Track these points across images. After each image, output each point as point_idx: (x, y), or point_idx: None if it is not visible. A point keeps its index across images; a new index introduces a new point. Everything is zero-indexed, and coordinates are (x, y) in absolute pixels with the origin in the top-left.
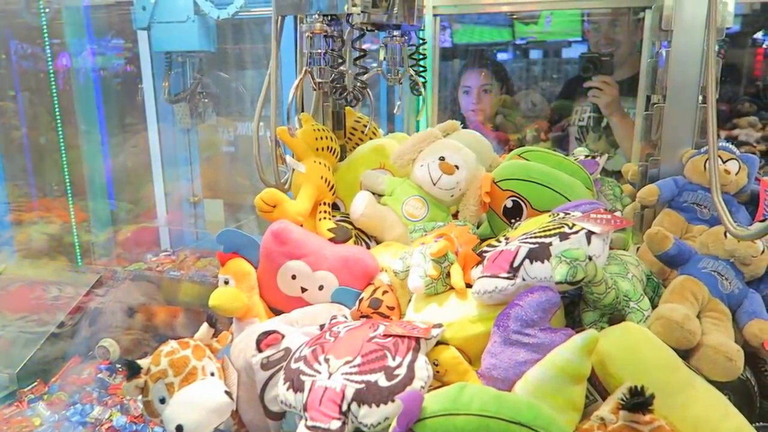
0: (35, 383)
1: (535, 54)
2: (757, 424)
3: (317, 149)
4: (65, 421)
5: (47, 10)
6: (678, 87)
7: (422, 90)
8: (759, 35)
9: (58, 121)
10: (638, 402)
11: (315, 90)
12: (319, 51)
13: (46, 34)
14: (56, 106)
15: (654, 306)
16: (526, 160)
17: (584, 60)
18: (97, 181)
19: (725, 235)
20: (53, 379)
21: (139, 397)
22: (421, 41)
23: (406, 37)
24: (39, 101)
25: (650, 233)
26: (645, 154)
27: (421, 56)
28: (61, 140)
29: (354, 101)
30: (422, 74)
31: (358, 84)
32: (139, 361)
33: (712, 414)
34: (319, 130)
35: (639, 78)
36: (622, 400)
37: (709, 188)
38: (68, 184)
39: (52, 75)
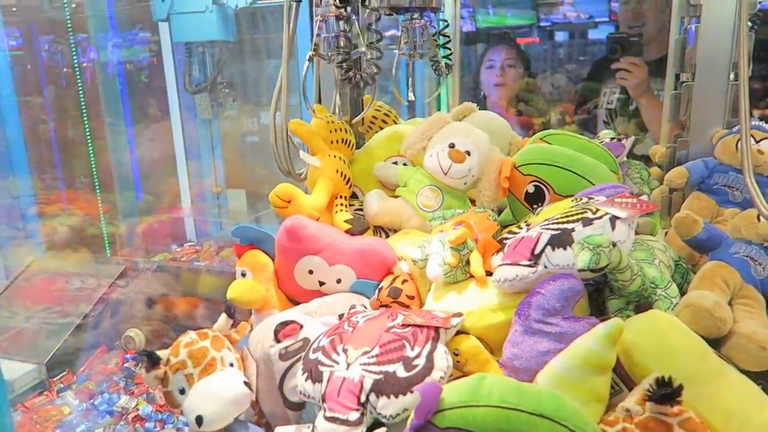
0: (64, 373)
1: (560, 36)
2: None
3: (332, 142)
4: (93, 410)
5: (73, 5)
6: (708, 64)
7: (446, 71)
8: None
9: (84, 114)
10: (666, 393)
11: (329, 62)
12: (332, 34)
13: (70, 28)
14: (82, 99)
15: (683, 293)
16: (549, 143)
17: (611, 41)
18: (123, 172)
19: (758, 219)
20: (81, 369)
21: (160, 387)
22: (444, 23)
23: (426, 19)
24: (65, 95)
25: (679, 217)
26: (673, 135)
27: (446, 39)
28: (88, 133)
29: (363, 85)
30: (449, 56)
31: (373, 69)
32: (158, 352)
33: (745, 405)
34: (332, 122)
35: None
36: (649, 391)
37: (740, 170)
38: (95, 176)
39: (77, 69)
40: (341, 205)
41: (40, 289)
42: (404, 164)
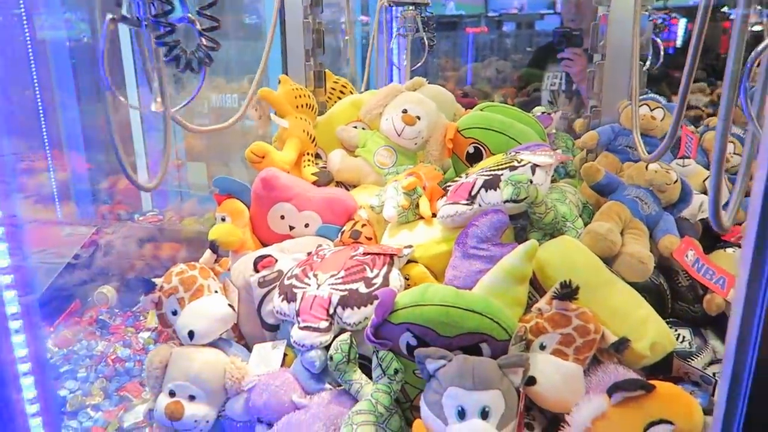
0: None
1: (508, 26)
2: (669, 320)
3: (297, 106)
4: (73, 354)
5: None
6: (615, 48)
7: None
8: (725, 9)
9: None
10: (566, 292)
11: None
12: None
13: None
14: (35, 76)
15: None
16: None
17: (558, 34)
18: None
19: (646, 168)
20: (57, 321)
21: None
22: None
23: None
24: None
25: (585, 167)
26: (590, 107)
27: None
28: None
29: (198, 65)
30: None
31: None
32: (153, 280)
33: (627, 305)
34: (297, 89)
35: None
36: (555, 292)
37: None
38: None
39: (30, 44)
40: (308, 161)
41: (34, 235)
42: (362, 128)
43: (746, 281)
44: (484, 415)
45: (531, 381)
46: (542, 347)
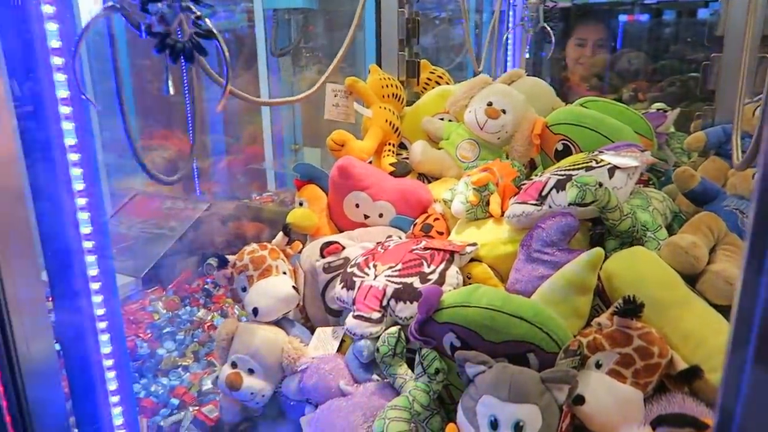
0: (156, 288)
1: (667, 15)
2: None
3: (383, 96)
4: (177, 318)
5: None
6: (735, 40)
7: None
8: None
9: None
10: (629, 309)
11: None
12: None
13: None
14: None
15: None
16: (586, 108)
17: None
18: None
19: (753, 177)
20: (170, 286)
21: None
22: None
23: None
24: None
25: (678, 171)
26: (704, 105)
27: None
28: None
29: (189, 54)
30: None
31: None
32: (227, 257)
33: (703, 330)
34: (384, 79)
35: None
36: (617, 307)
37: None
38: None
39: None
40: (389, 151)
41: (143, 207)
42: (449, 120)
43: None
44: (518, 429)
45: (579, 400)
46: (598, 365)
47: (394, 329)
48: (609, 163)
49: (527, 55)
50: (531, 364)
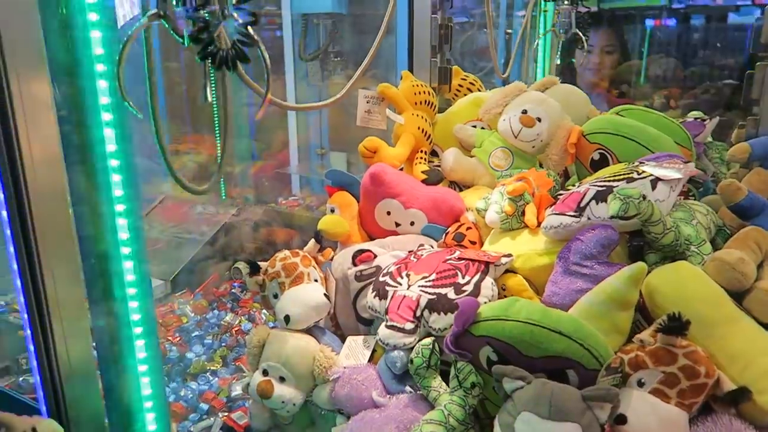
0: (184, 291)
1: (696, 19)
2: None
3: (416, 103)
4: (205, 321)
5: None
6: None
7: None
8: None
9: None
10: (674, 326)
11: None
12: None
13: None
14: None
15: None
16: (622, 116)
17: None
18: (240, 123)
19: None
20: (198, 289)
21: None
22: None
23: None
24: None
25: (723, 184)
26: (749, 115)
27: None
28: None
29: (232, 63)
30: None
31: (239, 39)
32: (259, 263)
33: (751, 350)
34: (417, 85)
35: None
36: (661, 324)
37: None
38: (216, 124)
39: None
40: (420, 158)
41: (172, 211)
42: (482, 128)
43: None
44: None
45: (621, 419)
46: (640, 384)
47: (428, 340)
48: (651, 175)
49: (558, 62)
50: (570, 381)
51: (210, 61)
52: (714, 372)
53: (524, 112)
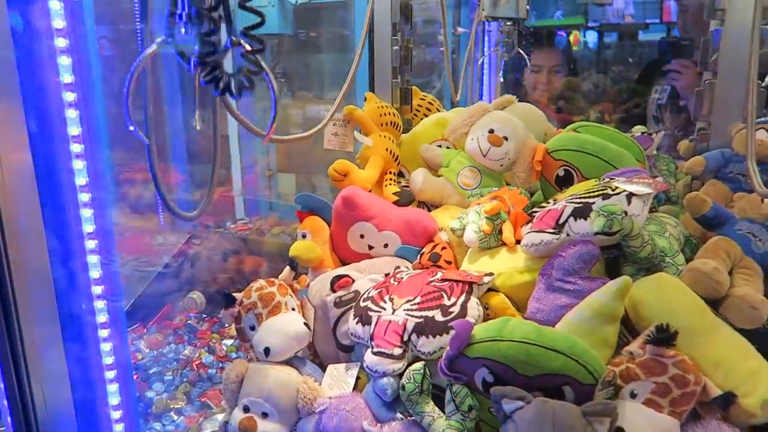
0: (136, 325)
1: (609, 37)
2: None
3: (382, 124)
4: (162, 356)
5: None
6: (729, 65)
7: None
8: None
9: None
10: (663, 337)
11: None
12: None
13: (137, 18)
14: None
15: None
16: (580, 133)
17: (663, 45)
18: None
19: (762, 201)
20: (150, 323)
21: (233, 324)
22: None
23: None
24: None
25: (689, 197)
26: (698, 129)
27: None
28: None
29: (238, 90)
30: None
31: (246, 67)
32: (234, 294)
33: (732, 356)
34: (382, 107)
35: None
36: (649, 335)
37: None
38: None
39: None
40: (390, 179)
41: (131, 242)
42: (447, 147)
43: None
44: None
45: None
46: (633, 395)
47: (418, 365)
48: (625, 190)
49: (501, 79)
50: (567, 397)
51: (214, 86)
52: (701, 379)
53: (491, 131)
